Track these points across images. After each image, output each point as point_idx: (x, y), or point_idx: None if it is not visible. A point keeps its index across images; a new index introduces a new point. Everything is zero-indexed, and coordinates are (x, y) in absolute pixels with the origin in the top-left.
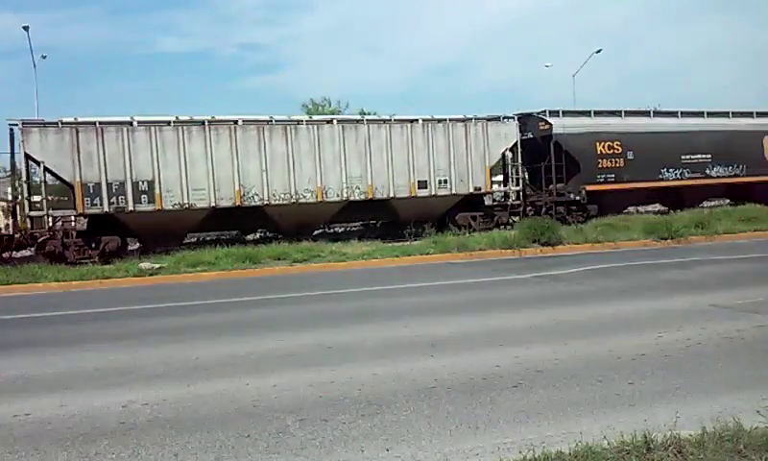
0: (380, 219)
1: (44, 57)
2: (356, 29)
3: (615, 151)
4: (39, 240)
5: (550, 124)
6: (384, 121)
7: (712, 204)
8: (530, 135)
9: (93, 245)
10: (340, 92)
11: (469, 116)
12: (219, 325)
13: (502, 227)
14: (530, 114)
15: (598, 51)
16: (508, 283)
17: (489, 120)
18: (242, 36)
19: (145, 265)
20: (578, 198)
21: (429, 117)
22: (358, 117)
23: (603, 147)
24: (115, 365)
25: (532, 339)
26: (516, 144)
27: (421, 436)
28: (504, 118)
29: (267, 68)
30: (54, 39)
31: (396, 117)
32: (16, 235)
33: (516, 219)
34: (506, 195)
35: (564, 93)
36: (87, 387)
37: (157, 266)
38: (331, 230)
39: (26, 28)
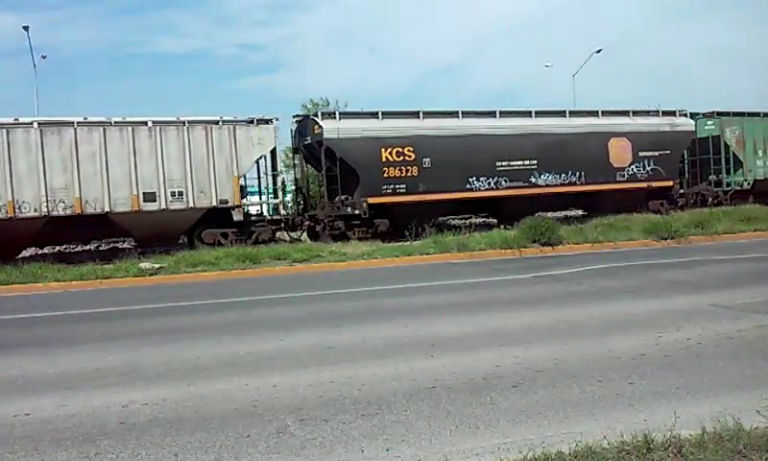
0: (104, 237)
1: (44, 57)
2: (356, 29)
3: (407, 158)
4: None
5: (321, 127)
6: (100, 123)
7: (556, 215)
8: (309, 140)
9: None
10: (340, 92)
11: (213, 118)
12: (219, 325)
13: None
14: (307, 116)
15: (598, 51)
16: (508, 283)
17: (238, 123)
18: (241, 36)
19: (145, 265)
20: (357, 211)
21: (160, 118)
22: (68, 119)
23: (390, 153)
24: (115, 365)
25: (532, 339)
26: (274, 150)
27: (421, 436)
28: (260, 121)
29: (267, 68)
30: (54, 39)
31: (116, 119)
32: None
33: (297, 234)
34: (276, 208)
35: (564, 93)
36: (87, 387)
37: (157, 266)
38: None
39: (26, 28)
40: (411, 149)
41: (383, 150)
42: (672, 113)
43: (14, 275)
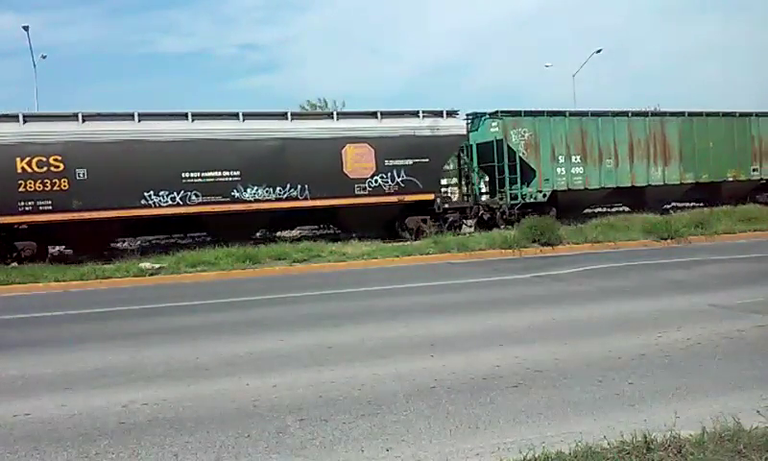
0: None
1: (44, 57)
2: (356, 29)
3: (54, 169)
4: None
5: None
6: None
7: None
8: None
9: None
10: (340, 92)
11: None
12: (219, 325)
13: None
14: None
15: (598, 51)
16: (508, 283)
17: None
18: (242, 36)
19: (145, 265)
20: None
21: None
22: None
23: (30, 164)
24: (115, 365)
25: (532, 339)
26: None
27: (421, 436)
28: None
29: (267, 68)
30: (54, 39)
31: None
32: None
33: None
34: None
35: (563, 93)
36: (87, 387)
37: (157, 266)
38: None
39: (26, 28)
40: (59, 158)
41: (20, 160)
42: (438, 114)
43: (14, 275)
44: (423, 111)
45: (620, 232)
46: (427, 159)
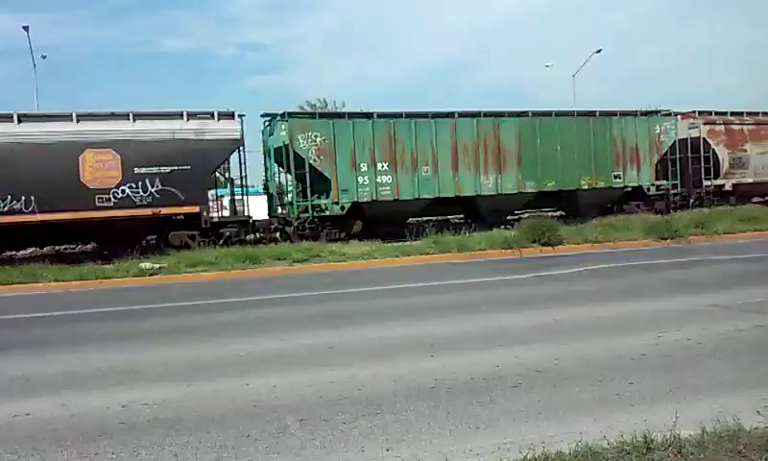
0: None
1: (44, 57)
2: (356, 29)
3: None
4: None
5: None
6: None
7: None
8: None
9: None
10: (341, 92)
11: None
12: (219, 325)
13: None
14: None
15: (598, 51)
16: (508, 283)
17: None
18: (242, 36)
19: (145, 265)
20: None
21: None
22: None
23: None
24: (115, 365)
25: (532, 339)
26: None
27: (421, 436)
28: None
29: (267, 68)
30: (54, 39)
31: None
32: None
33: None
34: None
35: (564, 93)
36: (87, 387)
37: (157, 266)
38: None
39: (26, 28)
40: None
41: None
42: (208, 115)
43: (14, 275)
44: (189, 112)
45: (620, 232)
46: (189, 167)
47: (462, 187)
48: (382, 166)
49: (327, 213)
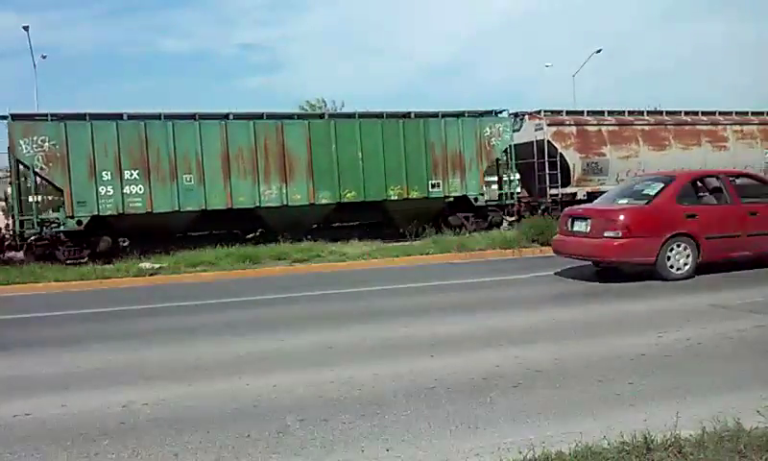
0: None
1: (44, 57)
2: (356, 29)
3: None
4: None
5: None
6: None
7: None
8: None
9: None
10: (341, 92)
11: None
12: (219, 325)
13: None
14: None
15: (598, 51)
16: (508, 283)
17: None
18: (242, 36)
19: (145, 265)
20: None
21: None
22: None
23: None
24: (115, 365)
25: (532, 339)
26: None
27: (421, 436)
28: None
29: (267, 68)
30: (54, 39)
31: None
32: None
33: None
34: None
35: (564, 93)
36: (87, 387)
37: (157, 266)
38: None
39: (26, 28)
40: None
41: None
42: None
43: (14, 275)
44: None
45: None
46: None
47: (236, 198)
48: (131, 174)
49: (59, 229)
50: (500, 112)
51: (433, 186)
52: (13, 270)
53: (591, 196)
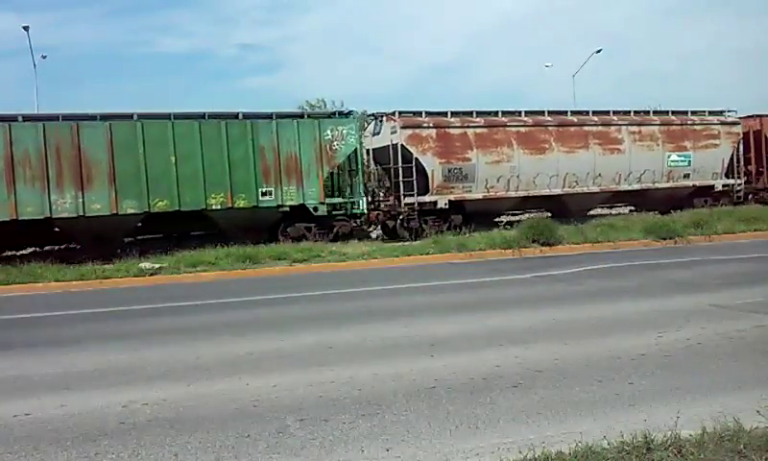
0: None
1: (44, 57)
2: (356, 29)
3: None
4: None
5: None
6: None
7: None
8: None
9: None
10: (341, 92)
11: None
12: (219, 325)
13: None
14: None
15: (598, 51)
16: (508, 283)
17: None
18: (242, 36)
19: (145, 265)
20: None
21: None
22: None
23: None
24: (115, 365)
25: (532, 339)
26: None
27: (421, 436)
28: None
29: (267, 68)
30: (54, 39)
31: None
32: None
33: None
34: None
35: (564, 93)
36: (87, 387)
37: (157, 266)
38: None
39: (26, 28)
40: None
41: None
42: None
43: (14, 275)
44: None
45: (620, 232)
46: None
47: (23, 208)
48: None
49: None
50: (348, 114)
51: (264, 194)
52: (14, 270)
53: (454, 205)
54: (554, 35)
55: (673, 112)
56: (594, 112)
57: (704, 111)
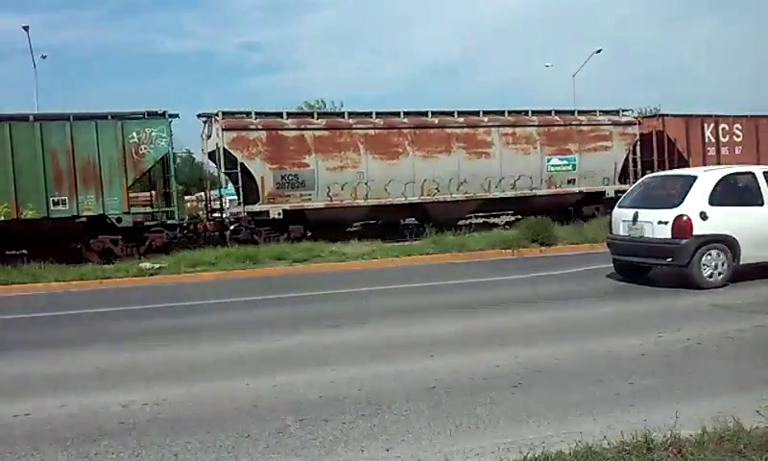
0: None
1: (44, 57)
2: (356, 29)
3: None
4: None
5: None
6: None
7: None
8: None
9: None
10: (341, 92)
11: None
12: (219, 324)
13: None
14: None
15: (598, 51)
16: (508, 283)
17: None
18: (242, 36)
19: (145, 265)
20: None
21: None
22: None
23: None
24: (115, 365)
25: (532, 339)
26: None
27: (421, 436)
28: None
29: (267, 68)
30: (54, 40)
31: None
32: None
33: None
34: None
35: (564, 93)
36: (87, 387)
37: (157, 266)
38: None
39: (26, 28)
40: None
41: None
42: None
43: (14, 275)
44: None
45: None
46: None
47: None
48: None
49: None
50: (161, 114)
51: (56, 204)
52: (14, 270)
53: (293, 214)
54: (554, 35)
55: (557, 112)
56: (460, 113)
57: (594, 111)
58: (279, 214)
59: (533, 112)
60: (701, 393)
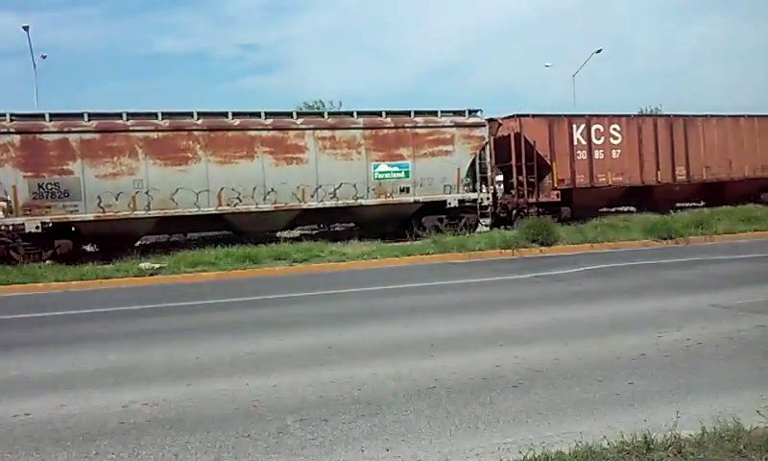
0: None
1: (44, 57)
2: (356, 29)
3: None
4: None
5: None
6: None
7: None
8: None
9: None
10: (341, 93)
11: None
12: (219, 325)
13: None
14: None
15: (598, 51)
16: (508, 283)
17: None
18: (242, 36)
19: (145, 265)
20: None
21: None
22: None
23: None
24: (115, 365)
25: (532, 339)
26: None
27: (421, 436)
28: None
29: (267, 68)
30: (54, 39)
31: None
32: None
33: None
34: None
35: (563, 93)
36: (87, 387)
37: (157, 266)
38: None
39: (26, 28)
40: None
41: None
42: None
43: (14, 275)
44: None
45: (620, 232)
46: None
47: None
48: None
49: None
50: None
51: None
52: (14, 270)
53: (60, 228)
54: (555, 35)
55: (388, 113)
56: (268, 114)
57: (434, 111)
58: (38, 227)
59: (358, 114)
60: (701, 393)
